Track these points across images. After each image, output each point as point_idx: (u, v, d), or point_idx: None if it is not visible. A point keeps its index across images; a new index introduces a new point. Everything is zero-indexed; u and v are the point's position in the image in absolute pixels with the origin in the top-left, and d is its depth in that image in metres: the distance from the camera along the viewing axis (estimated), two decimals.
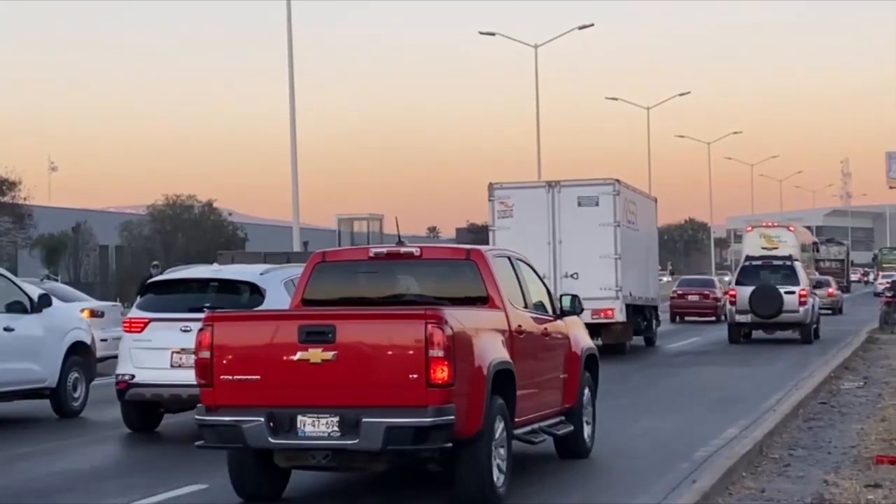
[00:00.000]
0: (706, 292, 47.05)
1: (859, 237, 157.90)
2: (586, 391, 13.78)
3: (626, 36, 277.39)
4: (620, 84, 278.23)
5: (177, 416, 16.48)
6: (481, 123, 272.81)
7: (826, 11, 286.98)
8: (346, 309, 11.52)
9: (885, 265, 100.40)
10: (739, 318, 33.54)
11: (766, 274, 34.32)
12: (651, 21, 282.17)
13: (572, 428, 13.22)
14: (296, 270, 15.87)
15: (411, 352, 10.38)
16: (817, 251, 59.40)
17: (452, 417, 10.35)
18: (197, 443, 11.03)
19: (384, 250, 12.50)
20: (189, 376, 12.67)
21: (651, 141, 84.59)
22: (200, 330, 11.01)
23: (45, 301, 17.83)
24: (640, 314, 32.10)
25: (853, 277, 73.53)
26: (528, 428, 12.18)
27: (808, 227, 73.98)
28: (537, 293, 13.25)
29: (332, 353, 10.48)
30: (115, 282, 72.23)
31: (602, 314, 28.20)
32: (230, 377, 10.75)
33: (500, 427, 11.07)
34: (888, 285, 44.52)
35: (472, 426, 10.59)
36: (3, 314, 17.16)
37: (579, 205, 28.64)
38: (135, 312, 16.13)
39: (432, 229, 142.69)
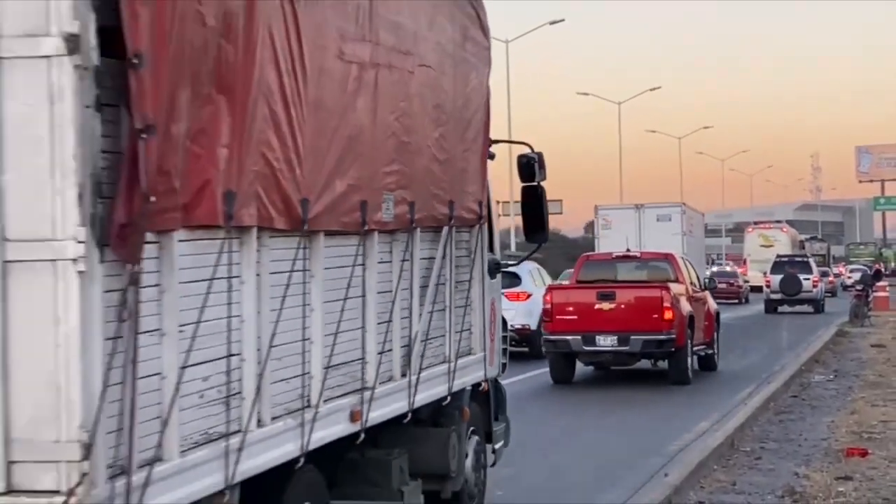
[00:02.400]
0: (731, 281, 57.47)
1: (829, 231, 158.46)
2: (715, 333, 23.78)
3: (598, 31, 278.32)
4: (592, 79, 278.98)
5: None
6: None
7: (795, 8, 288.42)
8: (620, 283, 22.02)
9: (853, 259, 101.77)
10: (773, 296, 47.12)
11: (790, 266, 47.71)
12: (622, 17, 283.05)
13: (712, 352, 23.43)
14: (531, 265, 25.63)
15: (654, 304, 20.53)
16: (802, 248, 68.99)
17: (674, 337, 20.46)
18: (543, 349, 21.54)
19: (621, 253, 23.78)
20: None
21: (622, 136, 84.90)
22: (545, 294, 21.75)
23: None
24: None
25: (834, 271, 78.16)
26: (696, 348, 22.05)
27: (779, 221, 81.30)
28: (693, 276, 23.65)
29: (614, 304, 20.77)
30: None
31: None
32: (562, 317, 20.81)
33: (689, 344, 21.14)
34: (858, 278, 45.20)
35: (681, 342, 20.71)
36: None
37: (657, 220, 39.94)
38: None
39: None
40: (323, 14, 6.44)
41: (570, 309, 20.78)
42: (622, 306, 20.65)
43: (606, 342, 20.59)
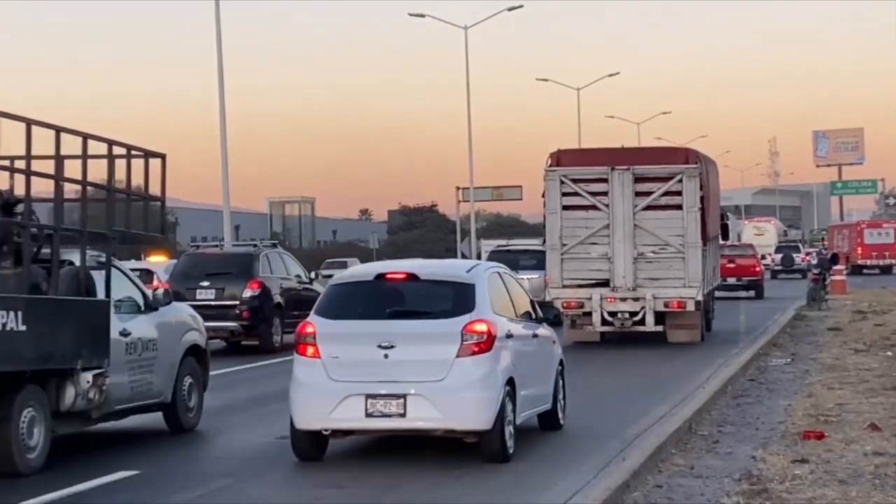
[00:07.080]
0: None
1: (787, 215, 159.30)
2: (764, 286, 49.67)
3: (556, 18, 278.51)
4: (551, 65, 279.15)
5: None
6: (412, 105, 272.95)
7: None
8: (733, 255, 46.88)
9: (814, 243, 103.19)
10: (775, 267, 69.31)
11: (787, 249, 73.44)
12: (580, 3, 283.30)
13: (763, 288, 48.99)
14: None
15: (752, 264, 47.86)
16: (786, 234, 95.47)
17: (759, 278, 47.85)
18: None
19: (728, 244, 39.81)
20: None
21: (581, 121, 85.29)
22: None
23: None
24: None
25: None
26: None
27: (737, 206, 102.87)
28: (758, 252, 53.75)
29: (735, 265, 46.21)
30: None
31: None
32: None
33: (762, 283, 49.01)
34: (815, 262, 45.68)
35: (761, 282, 47.97)
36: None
37: None
38: None
39: (364, 211, 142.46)
40: (708, 187, 26.42)
41: None
42: (737, 265, 45.60)
43: (731, 281, 44.11)
